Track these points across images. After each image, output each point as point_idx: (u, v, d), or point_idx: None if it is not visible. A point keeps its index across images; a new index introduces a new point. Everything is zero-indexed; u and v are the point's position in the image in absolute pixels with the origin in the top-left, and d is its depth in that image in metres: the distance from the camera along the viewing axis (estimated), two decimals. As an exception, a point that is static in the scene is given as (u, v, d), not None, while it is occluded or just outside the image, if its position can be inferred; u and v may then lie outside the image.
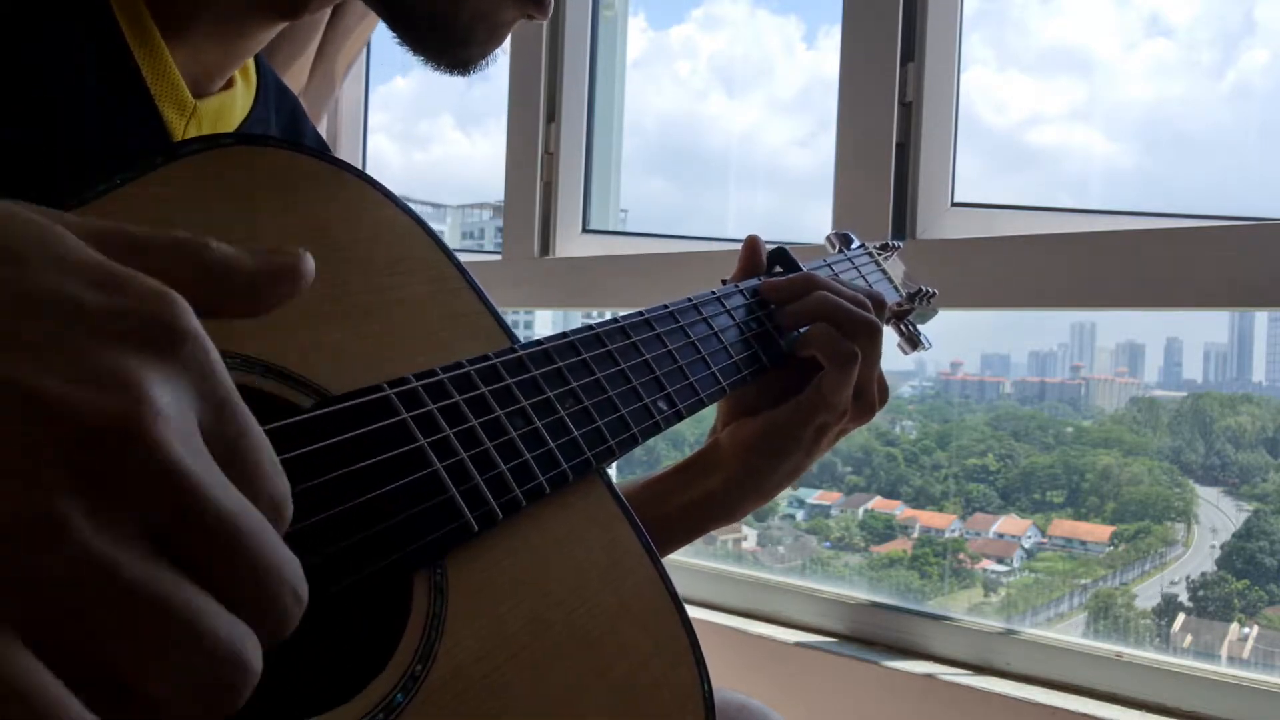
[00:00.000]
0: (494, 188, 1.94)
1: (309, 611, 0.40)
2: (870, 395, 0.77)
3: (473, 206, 2.36)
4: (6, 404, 0.23)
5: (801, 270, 0.80)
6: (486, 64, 0.74)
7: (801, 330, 0.75)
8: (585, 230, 1.87)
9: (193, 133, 0.63)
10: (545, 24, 1.81)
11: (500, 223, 1.96)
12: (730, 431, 0.77)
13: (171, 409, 0.25)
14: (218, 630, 0.25)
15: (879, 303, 0.78)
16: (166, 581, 0.24)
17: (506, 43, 0.74)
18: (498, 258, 1.91)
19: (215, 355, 0.27)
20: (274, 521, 0.28)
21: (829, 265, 0.85)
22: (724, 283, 0.78)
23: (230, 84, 0.70)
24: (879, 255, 0.93)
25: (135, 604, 0.24)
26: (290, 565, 0.27)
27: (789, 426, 0.74)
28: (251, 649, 0.26)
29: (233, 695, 0.25)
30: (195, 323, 0.27)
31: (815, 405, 0.73)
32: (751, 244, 0.81)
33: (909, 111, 1.42)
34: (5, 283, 0.25)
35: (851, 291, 0.77)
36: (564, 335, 0.58)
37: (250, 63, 0.74)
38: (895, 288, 0.92)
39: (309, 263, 0.32)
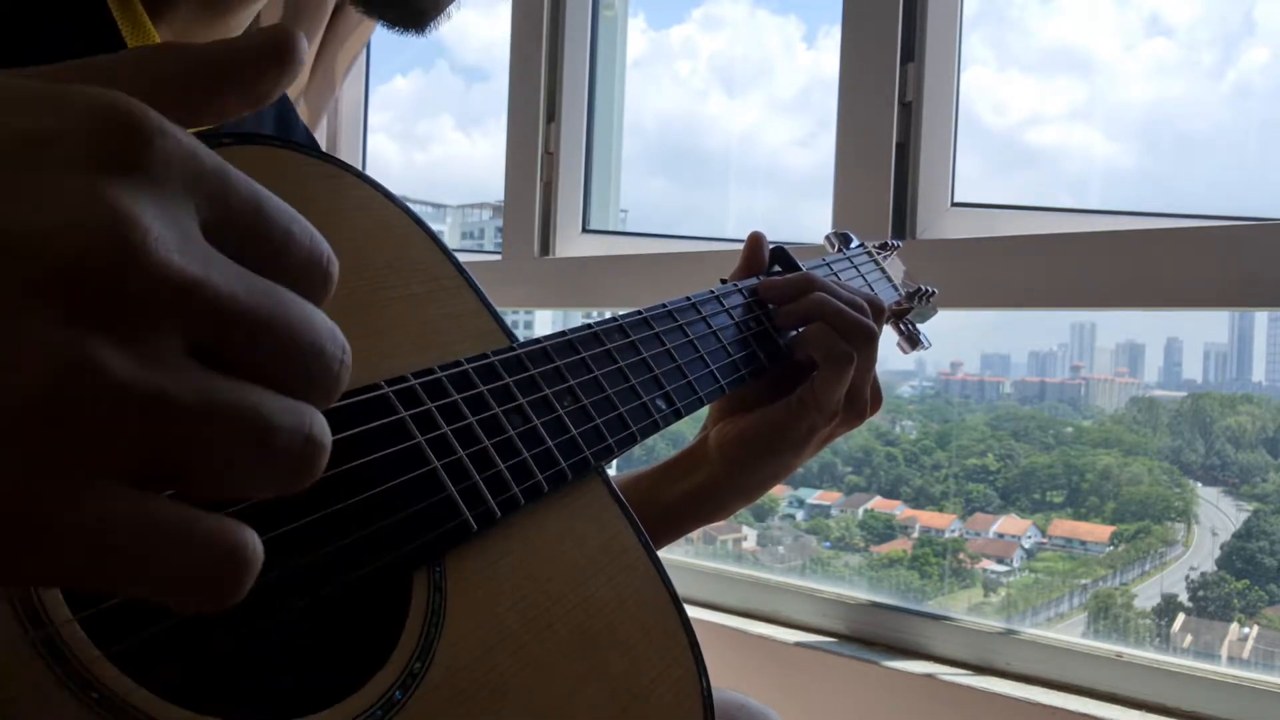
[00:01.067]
0: (494, 188, 1.94)
1: (308, 608, 0.41)
2: (863, 399, 0.77)
3: (473, 206, 2.36)
4: None
5: (801, 270, 0.80)
6: (439, 20, 0.72)
7: (798, 330, 0.75)
8: (585, 230, 1.87)
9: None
10: (545, 24, 1.82)
11: (500, 223, 1.96)
12: (719, 429, 0.76)
13: (155, 220, 0.23)
14: (285, 421, 0.25)
15: (877, 308, 0.78)
16: (221, 389, 0.24)
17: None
18: (498, 258, 1.91)
19: (189, 142, 0.25)
20: (314, 286, 0.27)
21: (828, 265, 0.85)
22: (723, 281, 0.78)
23: None
24: (878, 255, 0.93)
25: (198, 422, 0.23)
26: (330, 335, 0.27)
27: (780, 425, 0.74)
28: (318, 427, 0.26)
29: (311, 465, 0.26)
30: (156, 119, 0.24)
31: (807, 405, 0.73)
32: (755, 241, 0.81)
33: (909, 111, 1.42)
34: None
35: (850, 294, 0.76)
36: (562, 334, 0.58)
37: None
38: (894, 287, 0.92)
39: (299, 40, 0.30)
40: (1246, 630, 1.42)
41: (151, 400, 0.23)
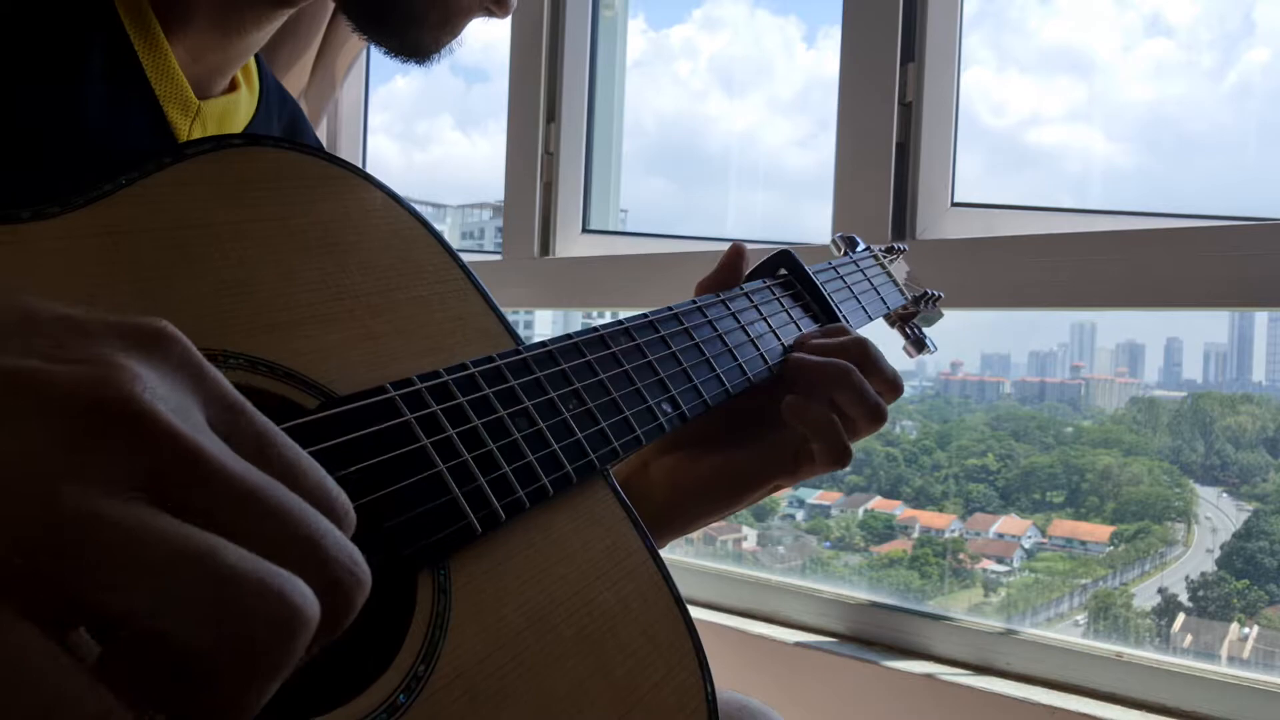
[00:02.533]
0: (494, 188, 1.94)
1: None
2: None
3: (473, 206, 2.36)
4: None
5: (809, 274, 0.79)
6: (441, 55, 0.71)
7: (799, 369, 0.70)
8: (585, 230, 1.87)
9: (197, 133, 0.64)
10: (545, 24, 1.82)
11: (500, 223, 1.96)
12: (667, 465, 0.71)
13: (158, 386, 0.25)
14: (244, 567, 0.23)
15: (897, 388, 0.72)
16: (174, 530, 0.23)
17: (463, 35, 0.72)
18: (498, 258, 1.91)
19: (211, 368, 0.27)
20: (327, 515, 0.27)
21: (834, 268, 0.84)
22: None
23: (234, 87, 0.70)
24: (884, 258, 0.93)
25: (147, 556, 0.22)
26: (335, 538, 0.25)
27: (746, 478, 0.69)
28: (295, 591, 0.23)
29: (281, 638, 0.23)
30: (183, 336, 0.27)
31: (781, 473, 0.69)
32: (735, 254, 0.76)
33: (909, 111, 1.42)
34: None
35: (878, 378, 0.70)
36: (568, 336, 0.58)
37: (253, 67, 0.74)
38: (900, 291, 0.92)
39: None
40: (1246, 630, 1.42)
41: (103, 529, 0.22)
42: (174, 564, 0.22)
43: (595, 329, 0.60)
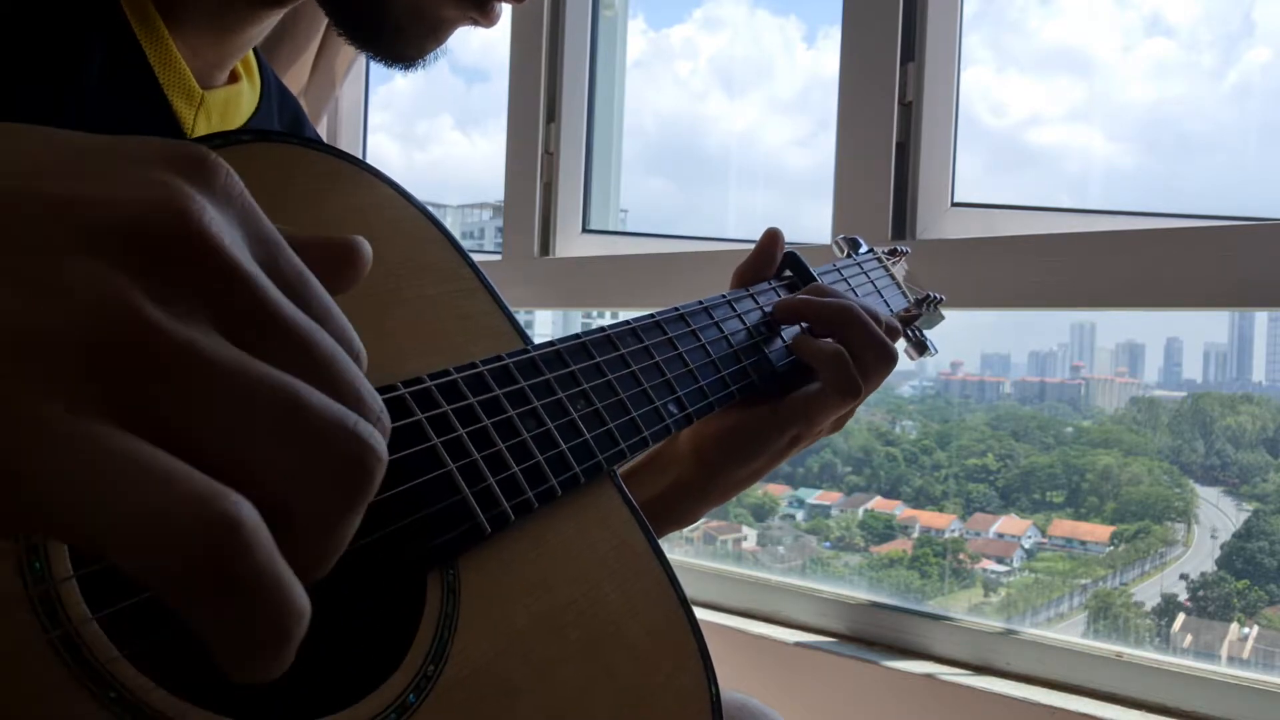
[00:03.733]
0: (494, 188, 1.94)
1: (321, 611, 0.41)
2: (848, 418, 0.75)
3: (473, 206, 2.36)
4: (33, 208, 0.23)
5: (814, 276, 0.79)
6: (427, 61, 0.71)
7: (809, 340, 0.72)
8: (585, 230, 1.87)
9: (201, 123, 0.64)
10: (545, 24, 1.82)
11: (500, 223, 1.96)
12: (693, 430, 0.73)
13: (216, 215, 0.24)
14: (325, 409, 0.23)
15: (894, 331, 0.76)
16: (252, 362, 0.23)
17: (450, 41, 0.71)
18: (498, 258, 1.91)
19: (252, 199, 0.26)
20: (350, 355, 0.26)
21: (838, 270, 0.84)
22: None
23: (235, 79, 0.71)
24: (887, 260, 0.93)
25: (218, 387, 0.22)
26: (368, 390, 0.25)
27: (762, 432, 0.70)
28: (364, 427, 0.24)
29: (361, 467, 0.23)
30: (227, 165, 0.26)
31: (797, 418, 0.70)
32: (771, 239, 0.78)
33: (909, 111, 1.42)
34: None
35: (883, 321, 0.73)
36: (576, 336, 0.58)
37: (254, 64, 0.74)
38: (903, 293, 0.92)
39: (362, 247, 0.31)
40: (1246, 630, 1.42)
41: (182, 351, 0.22)
42: (257, 396, 0.23)
43: (603, 329, 0.61)
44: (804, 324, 0.73)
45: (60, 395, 0.21)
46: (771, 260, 0.78)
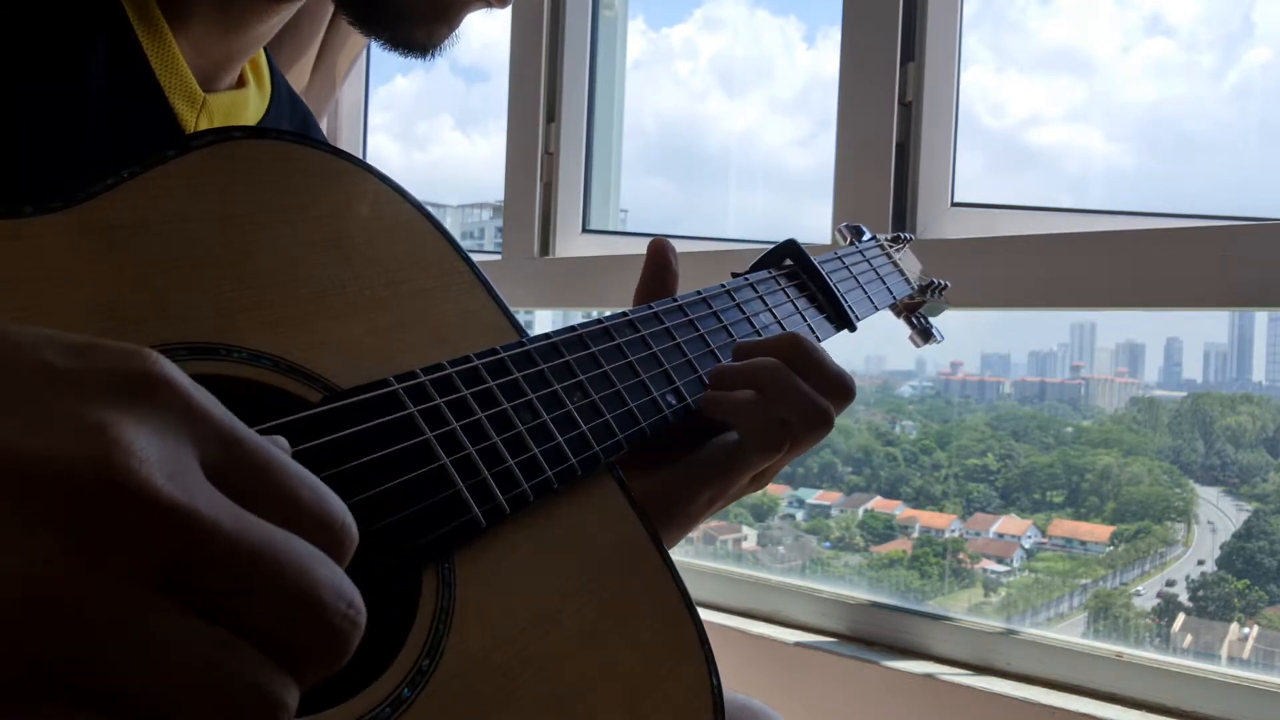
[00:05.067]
0: (494, 188, 1.94)
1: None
2: (775, 474, 0.65)
3: (473, 206, 2.36)
4: None
5: (814, 264, 0.79)
6: (440, 48, 0.69)
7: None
8: (585, 230, 1.87)
9: (204, 126, 0.64)
10: (545, 24, 1.82)
11: (500, 223, 1.96)
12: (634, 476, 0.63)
13: (148, 449, 0.24)
14: (234, 679, 0.24)
15: (843, 388, 0.63)
16: (171, 627, 0.24)
17: (462, 27, 0.70)
18: (498, 258, 1.91)
19: (201, 397, 0.26)
20: (331, 543, 0.27)
21: (840, 258, 0.84)
22: (734, 275, 0.77)
23: (242, 84, 0.70)
24: (890, 247, 0.92)
25: (139, 653, 0.23)
26: (331, 583, 0.26)
27: (673, 494, 0.63)
28: (282, 693, 0.25)
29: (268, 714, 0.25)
30: (169, 369, 0.26)
31: (718, 473, 0.63)
32: (657, 248, 0.72)
33: (909, 111, 1.42)
34: None
35: (819, 370, 0.63)
36: (572, 328, 0.58)
37: (264, 67, 0.74)
38: (906, 280, 0.91)
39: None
40: (1246, 630, 1.42)
41: (96, 624, 0.23)
42: (200, 669, 0.24)
43: (599, 320, 0.60)
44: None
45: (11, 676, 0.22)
46: (665, 271, 0.72)
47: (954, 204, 1.43)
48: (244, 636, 0.25)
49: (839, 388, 0.62)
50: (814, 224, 1.72)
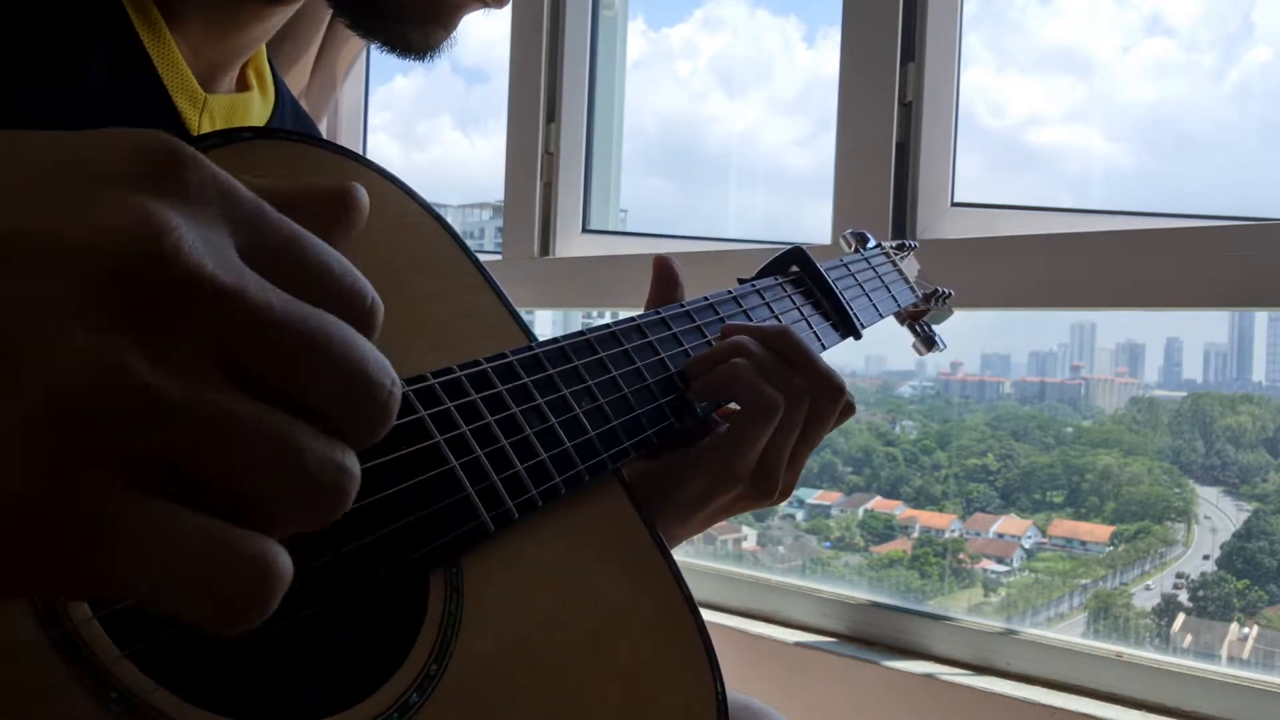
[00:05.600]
0: (494, 188, 1.94)
1: (327, 609, 0.40)
2: (776, 473, 0.63)
3: (473, 206, 2.36)
4: (19, 253, 0.23)
5: (820, 270, 0.79)
6: (438, 50, 0.70)
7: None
8: (585, 230, 1.87)
9: (206, 125, 0.63)
10: (545, 24, 1.81)
11: (500, 223, 1.96)
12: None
13: (192, 233, 0.24)
14: (312, 448, 0.25)
15: (831, 387, 0.63)
16: (248, 409, 0.24)
17: (458, 30, 0.70)
18: (498, 258, 1.91)
19: (226, 177, 0.26)
20: (358, 316, 0.27)
21: (845, 265, 0.84)
22: (740, 281, 0.77)
23: (245, 88, 0.70)
24: (895, 255, 0.92)
25: (219, 437, 0.23)
26: (374, 359, 0.26)
27: (667, 483, 0.63)
28: (347, 460, 0.25)
29: (336, 500, 0.25)
30: (194, 153, 0.26)
31: (708, 463, 0.62)
32: (660, 266, 0.71)
33: (909, 111, 1.42)
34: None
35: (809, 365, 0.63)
36: (581, 333, 0.58)
37: (269, 77, 0.74)
38: (911, 288, 0.91)
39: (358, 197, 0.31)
40: (1246, 630, 1.42)
41: (176, 410, 0.23)
42: (252, 442, 0.24)
43: (607, 325, 0.60)
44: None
45: (85, 473, 0.22)
46: (672, 287, 0.72)
47: (954, 204, 1.43)
48: (302, 416, 0.25)
49: (826, 380, 0.63)
50: (814, 224, 1.72)
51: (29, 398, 0.22)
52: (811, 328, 0.75)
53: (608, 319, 0.69)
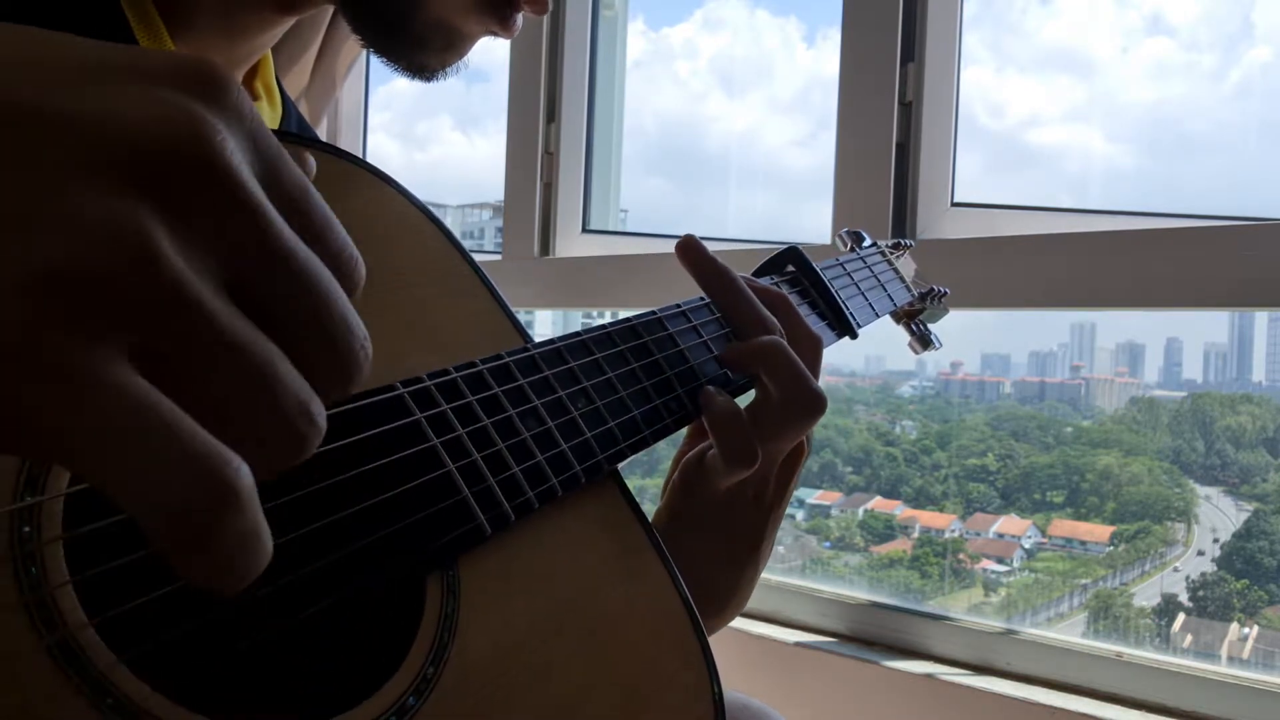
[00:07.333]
0: (494, 188, 1.94)
1: (323, 612, 0.40)
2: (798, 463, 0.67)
3: (473, 206, 2.36)
4: (35, 130, 0.23)
5: (816, 269, 0.79)
6: (446, 74, 0.71)
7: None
8: (585, 230, 1.86)
9: None
10: (545, 24, 1.81)
11: (500, 223, 1.96)
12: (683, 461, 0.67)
13: (231, 140, 0.24)
14: (291, 383, 0.25)
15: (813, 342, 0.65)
16: (241, 329, 0.24)
17: (470, 54, 0.71)
18: (498, 258, 1.91)
19: (256, 113, 0.27)
20: (346, 276, 0.27)
21: (841, 264, 0.84)
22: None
23: (253, 99, 0.70)
24: (891, 254, 0.92)
25: (215, 345, 0.23)
26: (357, 321, 0.26)
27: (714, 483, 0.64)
28: (314, 408, 0.25)
29: (302, 441, 0.25)
30: (237, 80, 0.26)
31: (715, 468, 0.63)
32: (684, 246, 0.68)
33: (909, 111, 1.42)
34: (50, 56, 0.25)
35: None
36: (577, 334, 0.58)
37: (276, 91, 0.74)
38: (907, 287, 0.91)
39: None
40: (1246, 630, 1.42)
41: (188, 304, 0.23)
42: (243, 362, 0.24)
43: (603, 326, 0.60)
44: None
45: (80, 333, 0.22)
46: (704, 270, 0.68)
47: (954, 204, 1.43)
48: (291, 350, 0.25)
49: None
50: (814, 224, 1.72)
51: (44, 247, 0.21)
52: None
53: (608, 319, 0.69)
